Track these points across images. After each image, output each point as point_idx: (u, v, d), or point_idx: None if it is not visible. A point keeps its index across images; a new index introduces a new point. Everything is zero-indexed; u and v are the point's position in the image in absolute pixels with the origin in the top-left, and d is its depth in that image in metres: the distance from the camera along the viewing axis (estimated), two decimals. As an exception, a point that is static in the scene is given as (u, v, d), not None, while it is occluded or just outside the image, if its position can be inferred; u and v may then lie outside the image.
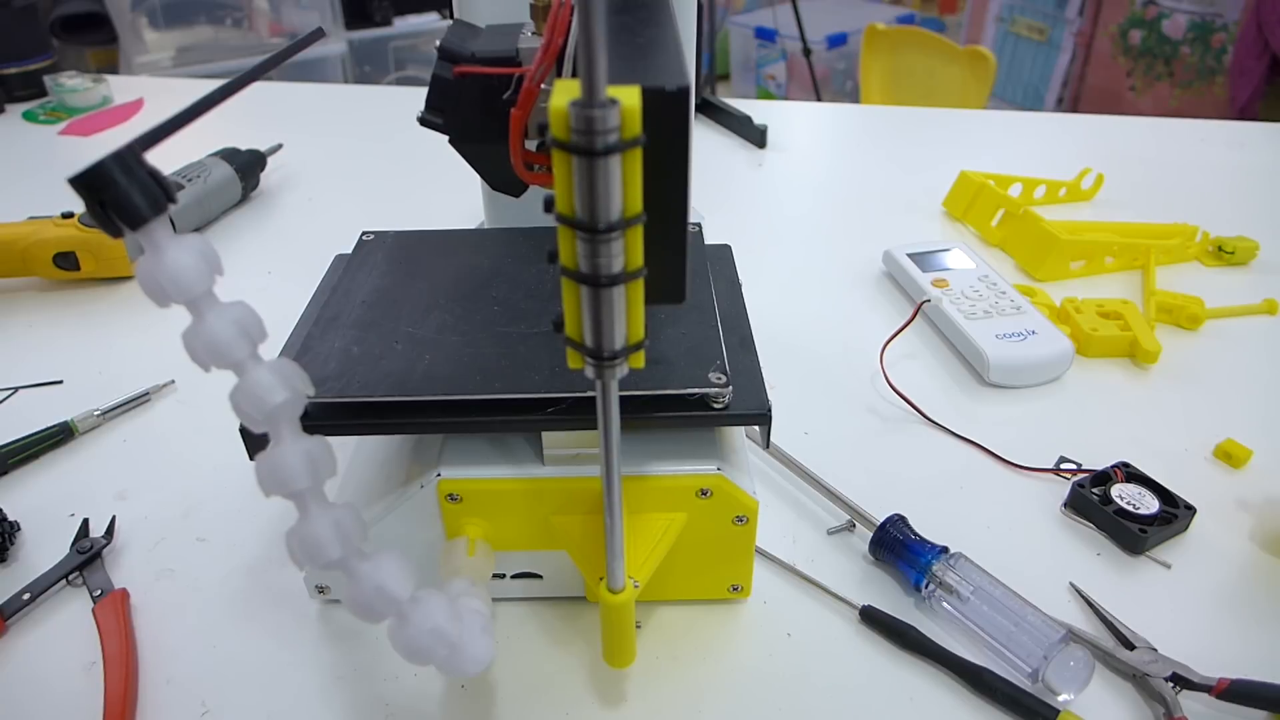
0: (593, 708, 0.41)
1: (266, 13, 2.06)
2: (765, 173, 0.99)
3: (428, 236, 0.53)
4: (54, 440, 0.57)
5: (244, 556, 0.49)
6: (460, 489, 0.41)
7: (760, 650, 0.44)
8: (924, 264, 0.74)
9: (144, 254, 0.26)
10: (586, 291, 0.27)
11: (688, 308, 0.44)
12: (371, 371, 0.40)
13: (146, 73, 1.88)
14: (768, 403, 0.40)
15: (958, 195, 0.88)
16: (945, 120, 1.16)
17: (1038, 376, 0.64)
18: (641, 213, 0.26)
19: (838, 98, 2.89)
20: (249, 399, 0.28)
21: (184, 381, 0.63)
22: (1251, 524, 0.51)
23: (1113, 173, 0.93)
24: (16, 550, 0.50)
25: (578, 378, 0.36)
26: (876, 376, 0.64)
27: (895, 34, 2.03)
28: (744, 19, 3.09)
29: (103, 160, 0.24)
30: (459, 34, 0.45)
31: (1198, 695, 0.41)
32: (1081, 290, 0.74)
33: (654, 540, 0.41)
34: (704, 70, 2.00)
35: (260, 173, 0.93)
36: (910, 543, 0.47)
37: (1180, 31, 2.45)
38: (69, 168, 0.24)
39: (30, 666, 0.43)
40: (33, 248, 0.73)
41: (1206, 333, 0.70)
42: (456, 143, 0.45)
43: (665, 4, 0.39)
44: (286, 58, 0.32)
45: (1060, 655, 0.41)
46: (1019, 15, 2.83)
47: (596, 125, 0.24)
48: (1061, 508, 0.53)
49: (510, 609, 0.46)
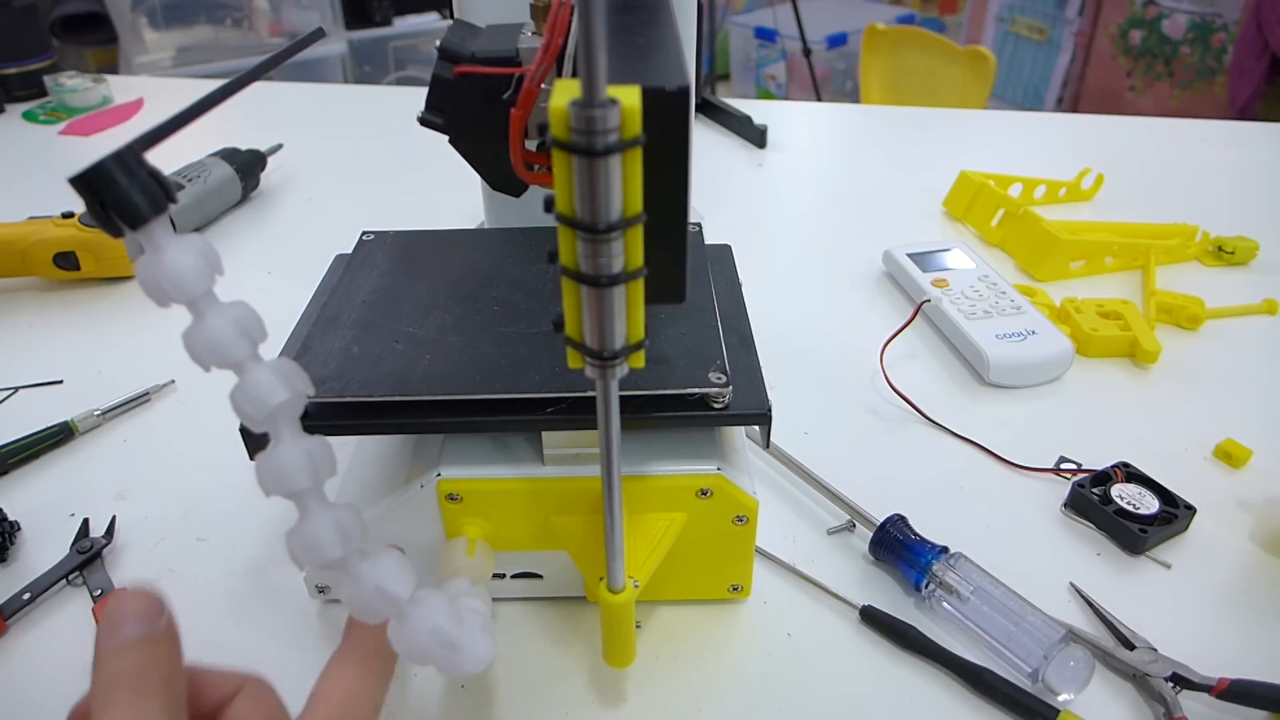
0: (593, 708, 0.41)
1: (266, 13, 2.06)
2: (765, 173, 0.99)
3: (428, 236, 0.53)
4: (54, 440, 0.57)
5: (244, 556, 0.49)
6: (460, 489, 0.41)
7: (760, 650, 0.44)
8: (924, 264, 0.74)
9: (144, 254, 0.26)
10: (587, 291, 0.27)
11: (688, 308, 0.44)
12: (371, 371, 0.40)
13: (146, 73, 1.88)
14: (768, 403, 0.40)
15: (958, 195, 0.88)
16: (945, 120, 1.16)
17: (1038, 376, 0.64)
18: (641, 213, 0.26)
19: (838, 98, 2.89)
20: (249, 399, 0.28)
21: (184, 381, 0.63)
22: (1251, 524, 0.51)
23: (1113, 173, 0.93)
24: (16, 550, 0.50)
25: (578, 378, 0.36)
26: (876, 376, 0.64)
27: (895, 34, 2.03)
28: (744, 19, 3.09)
29: (103, 160, 0.24)
30: (459, 34, 0.45)
31: (1198, 695, 0.41)
32: (1081, 290, 0.74)
33: (654, 540, 0.41)
34: (704, 70, 2.00)
35: (260, 173, 0.93)
36: (910, 543, 0.47)
37: (1180, 31, 2.45)
38: (69, 168, 0.24)
39: (30, 666, 0.43)
40: (33, 248, 0.73)
41: (1206, 333, 0.70)
42: (456, 143, 0.45)
43: (665, 4, 0.39)
44: (286, 58, 0.32)
45: (1060, 655, 0.41)
46: (1019, 15, 2.83)
47: (596, 125, 0.24)
48: (1061, 508, 0.53)
49: (510, 609, 0.46)
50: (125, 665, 0.26)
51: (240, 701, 0.30)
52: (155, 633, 0.27)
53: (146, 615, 0.27)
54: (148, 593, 0.28)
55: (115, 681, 0.26)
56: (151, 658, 0.26)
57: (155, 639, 0.27)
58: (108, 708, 0.25)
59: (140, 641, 0.26)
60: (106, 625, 0.27)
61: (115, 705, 0.25)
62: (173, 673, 0.27)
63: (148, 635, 0.27)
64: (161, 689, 0.26)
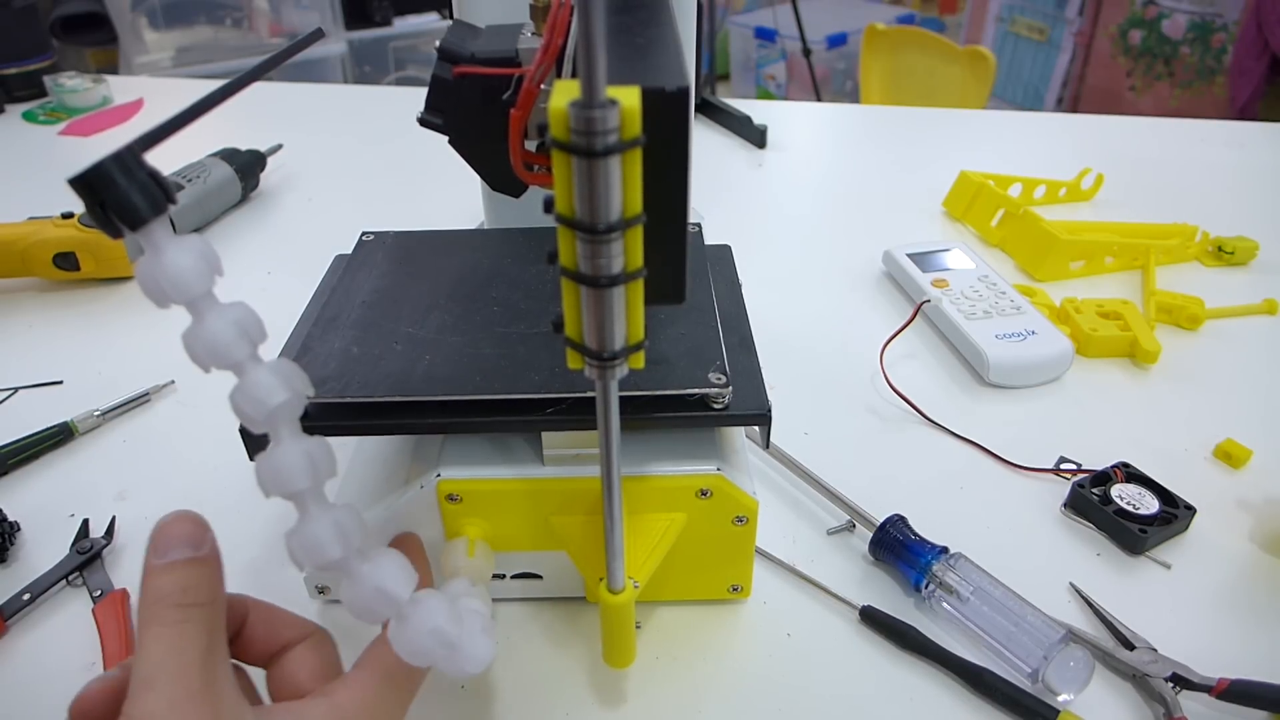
0: (593, 708, 0.41)
1: (266, 13, 2.06)
2: (765, 173, 0.99)
3: (428, 236, 0.53)
4: (54, 440, 0.57)
5: (244, 557, 0.49)
6: (460, 489, 0.41)
7: (760, 650, 0.44)
8: (924, 264, 0.74)
9: (144, 254, 0.26)
10: (586, 292, 0.27)
11: (688, 308, 0.44)
12: (371, 372, 0.40)
13: (146, 73, 1.88)
14: (768, 403, 0.40)
15: (958, 195, 0.88)
16: (945, 120, 1.16)
17: (1037, 376, 0.64)
18: (641, 213, 0.26)
19: (838, 98, 2.89)
20: (249, 400, 0.28)
21: (184, 382, 0.63)
22: (1251, 524, 0.51)
23: (1113, 173, 0.93)
24: (16, 550, 0.50)
25: (578, 378, 0.36)
26: (876, 376, 0.64)
27: (895, 34, 2.03)
28: (744, 19, 3.09)
29: (102, 160, 0.24)
30: (459, 34, 0.45)
31: (1198, 695, 0.41)
32: (1081, 290, 0.74)
33: (654, 540, 0.41)
34: (704, 70, 2.00)
35: (260, 173, 0.93)
36: (910, 543, 0.47)
37: (1180, 31, 2.45)
38: (69, 168, 0.24)
39: (30, 666, 0.43)
40: (33, 248, 0.73)
41: (1206, 333, 0.70)
42: (456, 143, 0.45)
43: (665, 4, 0.39)
44: (286, 58, 0.32)
45: (1060, 655, 0.41)
46: (1019, 15, 2.83)
47: (596, 126, 0.24)
48: (1061, 508, 0.53)
49: (510, 609, 0.46)
50: (170, 584, 0.28)
51: (303, 648, 0.33)
52: (199, 555, 0.29)
53: (191, 539, 0.29)
54: (194, 517, 0.29)
55: (160, 598, 0.27)
56: (195, 577, 0.28)
57: (198, 560, 0.28)
58: (151, 622, 0.27)
59: (185, 562, 0.28)
60: (153, 547, 0.28)
61: (158, 620, 0.27)
62: (215, 592, 0.29)
63: (192, 558, 0.28)
64: (203, 607, 0.28)
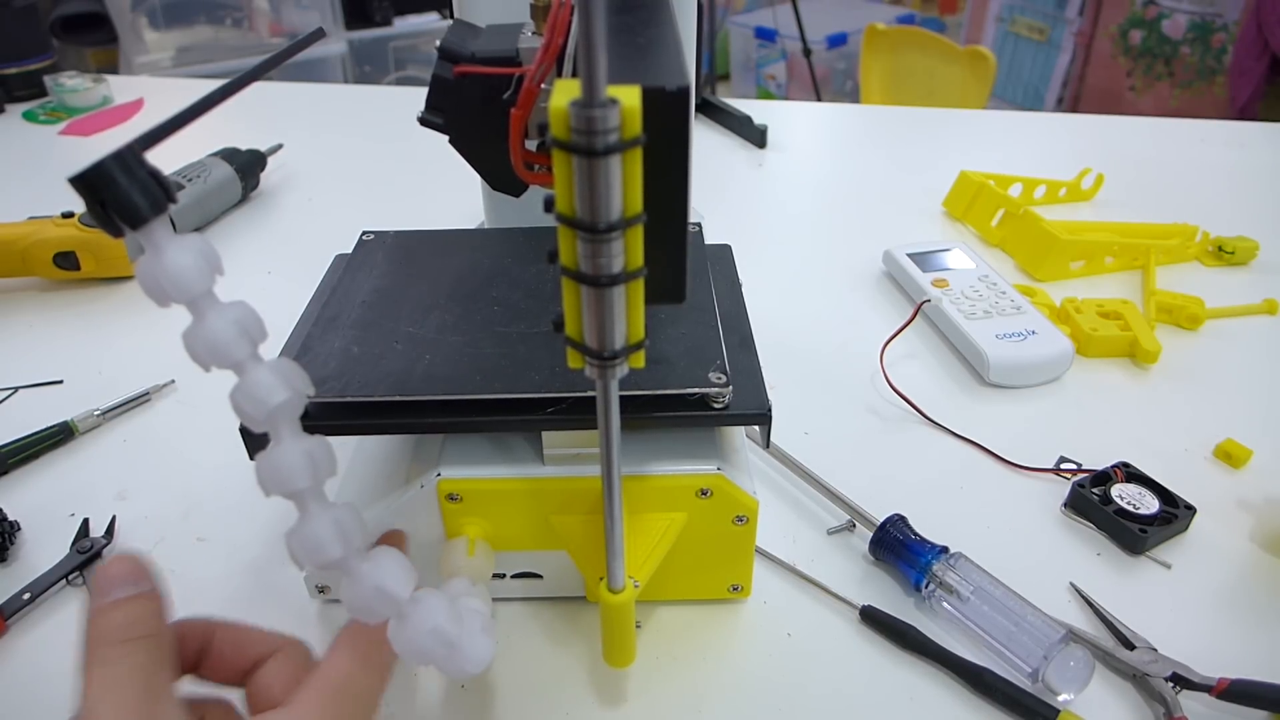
0: (593, 708, 0.41)
1: (266, 13, 2.06)
2: (765, 173, 0.99)
3: (428, 236, 0.53)
4: (54, 440, 0.57)
5: (244, 556, 0.49)
6: (460, 489, 0.41)
7: (760, 650, 0.44)
8: (924, 264, 0.74)
9: (144, 254, 0.26)
10: (587, 291, 0.27)
11: (688, 308, 0.44)
12: (371, 371, 0.40)
13: (146, 73, 1.88)
14: (768, 403, 0.40)
15: (958, 195, 0.88)
16: (945, 120, 1.16)
17: (1038, 376, 0.64)
18: (641, 213, 0.26)
19: (838, 98, 2.89)
20: (249, 399, 0.28)
21: (184, 381, 0.63)
22: (1251, 524, 0.51)
23: (1113, 173, 0.93)
24: (16, 550, 0.50)
25: (578, 378, 0.36)
26: (876, 376, 0.64)
27: (895, 34, 2.03)
28: (744, 19, 3.09)
29: (103, 160, 0.24)
30: (459, 34, 0.45)
31: (1198, 695, 0.41)
32: (1081, 290, 0.74)
33: (654, 540, 0.41)
34: (704, 70, 2.00)
35: (260, 173, 0.93)
36: (910, 543, 0.47)
37: (1180, 31, 2.45)
38: (69, 168, 0.24)
39: (30, 666, 0.43)
40: (33, 248, 0.73)
41: (1206, 333, 0.70)
42: (456, 143, 0.45)
43: (665, 4, 0.39)
44: (286, 58, 0.32)
45: (1060, 655, 0.41)
46: (1019, 15, 2.83)
47: (596, 125, 0.24)
48: (1061, 508, 0.53)
49: (510, 609, 0.46)
50: (111, 622, 0.28)
51: (273, 662, 0.32)
52: (140, 590, 0.28)
53: (131, 576, 0.29)
54: (133, 557, 0.29)
55: (101, 637, 0.27)
56: (136, 612, 0.28)
57: (140, 596, 0.28)
58: (93, 664, 0.27)
59: (126, 600, 0.28)
60: (95, 590, 0.28)
61: (100, 660, 0.27)
62: (157, 625, 0.28)
63: (133, 595, 0.28)
64: (146, 640, 0.28)
